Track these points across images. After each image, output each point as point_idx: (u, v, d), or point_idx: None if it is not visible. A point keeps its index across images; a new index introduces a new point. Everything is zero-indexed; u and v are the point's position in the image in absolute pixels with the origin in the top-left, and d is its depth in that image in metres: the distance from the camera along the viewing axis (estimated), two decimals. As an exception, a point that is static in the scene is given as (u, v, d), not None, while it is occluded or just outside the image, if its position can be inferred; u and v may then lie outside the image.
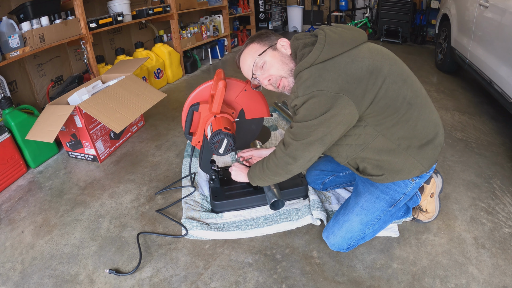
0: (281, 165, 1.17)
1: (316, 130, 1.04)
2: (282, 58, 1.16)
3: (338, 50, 1.02)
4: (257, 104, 1.51)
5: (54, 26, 2.27)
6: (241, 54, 1.25)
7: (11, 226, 1.57)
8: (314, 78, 1.00)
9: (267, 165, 1.23)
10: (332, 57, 1.02)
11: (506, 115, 2.42)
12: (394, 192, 1.23)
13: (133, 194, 1.75)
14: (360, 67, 1.00)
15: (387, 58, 1.06)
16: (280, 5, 6.33)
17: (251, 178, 1.35)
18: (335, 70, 0.99)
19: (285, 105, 2.64)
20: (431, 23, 4.85)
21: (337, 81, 0.98)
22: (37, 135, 1.80)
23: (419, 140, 1.11)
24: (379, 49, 1.09)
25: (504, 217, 1.48)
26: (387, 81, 1.02)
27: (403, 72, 1.08)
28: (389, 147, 1.11)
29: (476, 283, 1.19)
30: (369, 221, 1.26)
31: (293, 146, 1.11)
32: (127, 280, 1.26)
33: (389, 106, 1.04)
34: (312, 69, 1.02)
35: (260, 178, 1.29)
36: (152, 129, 2.49)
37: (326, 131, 1.04)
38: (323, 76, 0.99)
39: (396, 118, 1.06)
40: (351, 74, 0.99)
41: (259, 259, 1.32)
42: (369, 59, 1.02)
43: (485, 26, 2.39)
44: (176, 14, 3.52)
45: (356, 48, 1.04)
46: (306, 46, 1.08)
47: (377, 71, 1.01)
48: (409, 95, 1.06)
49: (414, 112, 1.07)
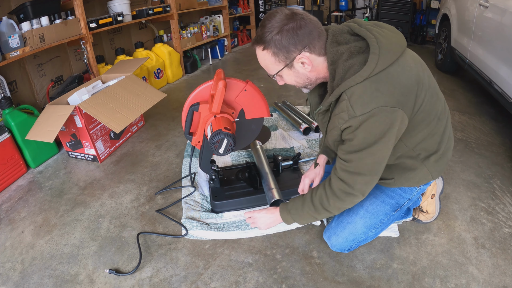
0: (348, 202, 1.06)
1: (382, 154, 0.95)
2: (301, 74, 1.01)
3: (391, 59, 0.90)
4: (257, 104, 1.51)
5: (54, 26, 2.27)
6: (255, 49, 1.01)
7: (11, 226, 1.57)
8: (372, 93, 0.88)
9: (326, 207, 1.08)
10: (385, 68, 0.90)
11: (506, 115, 2.42)
12: (399, 197, 1.23)
13: (133, 194, 1.75)
14: (409, 77, 0.92)
15: (424, 69, 1.00)
16: (280, 5, 6.33)
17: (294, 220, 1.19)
18: (390, 81, 0.89)
19: (285, 105, 2.64)
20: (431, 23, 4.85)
21: (394, 94, 0.89)
22: (37, 135, 1.80)
23: (438, 154, 1.10)
24: (417, 58, 1.01)
25: (504, 217, 1.48)
26: (428, 94, 0.97)
27: (436, 85, 1.05)
28: (408, 154, 1.09)
29: (476, 283, 1.19)
30: (373, 224, 1.25)
31: (361, 182, 0.99)
32: (127, 280, 1.26)
33: (424, 120, 1.00)
34: (366, 83, 0.89)
35: (311, 218, 1.17)
36: (152, 129, 2.49)
37: (388, 151, 0.96)
38: (380, 90, 0.89)
39: (426, 132, 1.03)
40: (404, 86, 0.91)
41: (259, 259, 1.32)
42: (415, 69, 0.95)
43: (485, 26, 2.39)
44: (176, 14, 3.52)
45: (403, 56, 0.94)
46: (352, 56, 0.92)
47: (422, 83, 0.95)
48: (440, 110, 1.04)
49: (441, 127, 1.05)
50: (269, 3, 6.04)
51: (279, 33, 0.93)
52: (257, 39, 0.98)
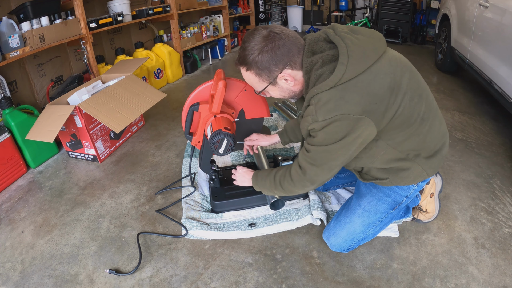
0: (299, 187, 1.14)
1: (337, 154, 1.01)
2: (285, 89, 1.09)
3: (361, 68, 0.93)
4: (257, 104, 1.51)
5: (54, 26, 2.27)
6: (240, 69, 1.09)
7: (11, 226, 1.57)
8: (336, 101, 0.92)
9: (282, 184, 1.19)
10: (355, 77, 0.93)
11: (506, 115, 2.42)
12: (396, 195, 1.23)
13: (133, 194, 1.75)
14: (382, 85, 0.94)
15: (405, 70, 1.01)
16: (280, 5, 6.33)
17: (258, 187, 1.31)
18: (358, 91, 0.92)
19: (285, 105, 2.64)
20: (431, 23, 4.85)
21: (360, 104, 0.92)
22: (37, 135, 1.80)
23: (428, 152, 1.11)
24: (398, 59, 1.02)
25: (504, 217, 1.48)
26: (405, 98, 0.98)
27: (419, 85, 1.04)
28: (398, 157, 1.10)
29: (476, 283, 1.19)
30: (371, 223, 1.26)
31: (312, 172, 1.07)
32: (127, 280, 1.26)
33: (404, 123, 1.01)
34: (333, 91, 0.93)
35: (269, 190, 1.27)
36: (152, 129, 2.49)
37: (347, 154, 1.01)
38: (345, 98, 0.92)
39: (408, 133, 1.04)
40: (374, 94, 0.93)
41: (259, 259, 1.32)
42: (390, 75, 0.96)
43: (485, 26, 2.39)
44: (176, 14, 3.51)
45: (377, 62, 0.96)
46: (324, 64, 0.96)
47: (397, 88, 0.96)
48: (423, 111, 1.04)
49: (425, 127, 1.06)
50: (269, 3, 6.05)
51: (259, 55, 1.00)
52: (240, 61, 1.06)
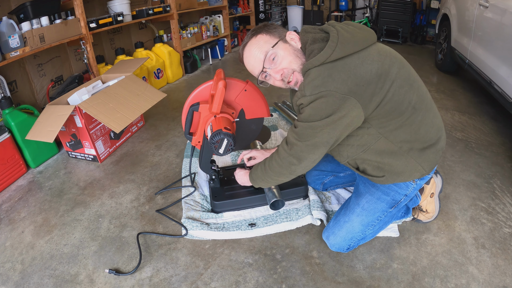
0: (285, 165, 1.15)
1: (322, 132, 1.02)
2: (294, 51, 1.11)
3: (349, 50, 0.98)
4: (257, 104, 1.51)
5: (54, 26, 2.27)
6: (246, 45, 1.16)
7: (11, 226, 1.57)
8: (323, 78, 0.97)
9: (270, 165, 1.21)
10: (343, 57, 0.98)
11: (506, 115, 2.42)
12: (395, 193, 1.23)
13: (133, 194, 1.75)
14: (369, 70, 0.98)
15: (395, 61, 1.04)
16: (280, 5, 6.33)
17: (253, 180, 1.34)
18: (345, 71, 0.97)
19: (285, 105, 2.64)
20: (431, 23, 4.85)
21: (347, 83, 0.96)
22: (37, 135, 1.80)
23: (421, 144, 1.11)
24: (388, 51, 1.06)
25: (504, 217, 1.48)
26: (394, 85, 1.01)
27: (410, 76, 1.07)
28: (391, 149, 1.11)
29: (476, 283, 1.19)
30: (369, 222, 1.26)
31: (297, 147, 1.09)
32: (127, 280, 1.26)
33: (394, 110, 1.03)
34: (322, 68, 0.98)
35: (262, 179, 1.29)
36: (152, 129, 2.49)
37: (332, 133, 1.03)
38: (333, 76, 0.97)
39: (400, 122, 1.05)
40: (361, 77, 0.97)
41: (259, 259, 1.32)
42: (378, 62, 1.00)
43: (485, 26, 2.39)
44: (176, 14, 3.52)
45: (366, 50, 1.01)
46: (315, 42, 1.04)
47: (385, 75, 1.00)
48: (414, 100, 1.05)
49: (418, 116, 1.07)
50: (269, 3, 6.05)
51: (266, 26, 1.14)
52: (252, 32, 1.16)
